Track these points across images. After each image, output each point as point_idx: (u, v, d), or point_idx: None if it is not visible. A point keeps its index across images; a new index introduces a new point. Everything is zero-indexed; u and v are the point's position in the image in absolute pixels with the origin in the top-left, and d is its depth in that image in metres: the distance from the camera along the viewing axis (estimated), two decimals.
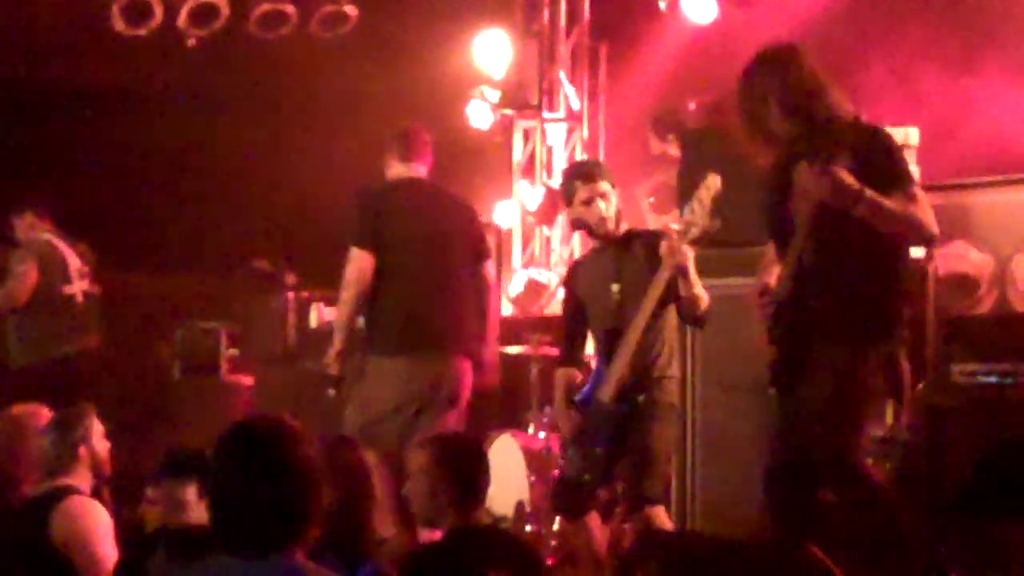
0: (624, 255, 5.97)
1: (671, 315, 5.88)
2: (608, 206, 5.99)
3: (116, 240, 10.13)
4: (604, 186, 5.99)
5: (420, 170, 6.90)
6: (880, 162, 4.84)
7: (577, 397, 6.01)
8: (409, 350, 6.62)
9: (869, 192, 4.72)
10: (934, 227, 4.94)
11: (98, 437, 5.48)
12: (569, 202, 6.10)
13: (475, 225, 7.04)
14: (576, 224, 6.22)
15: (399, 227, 6.67)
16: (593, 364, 6.32)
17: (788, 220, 4.98)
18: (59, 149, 10.50)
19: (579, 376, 6.16)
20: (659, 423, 5.85)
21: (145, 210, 10.54)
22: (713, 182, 5.65)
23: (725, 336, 6.28)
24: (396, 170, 6.89)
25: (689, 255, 5.59)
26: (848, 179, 4.71)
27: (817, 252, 4.86)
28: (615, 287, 5.94)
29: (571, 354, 6.25)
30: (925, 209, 4.87)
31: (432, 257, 6.72)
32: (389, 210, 6.70)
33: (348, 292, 6.65)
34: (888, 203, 4.77)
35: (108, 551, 5.16)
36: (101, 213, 10.43)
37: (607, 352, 5.89)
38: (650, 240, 5.86)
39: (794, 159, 4.99)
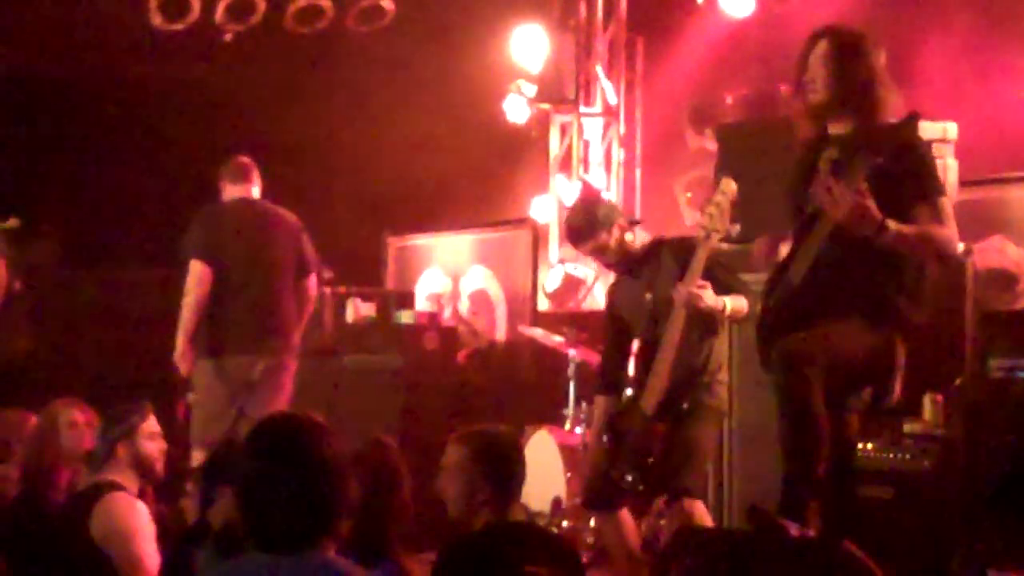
0: (655, 266, 5.97)
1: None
2: (604, 256, 6.02)
3: (151, 233, 10.17)
4: (590, 246, 5.99)
5: (252, 190, 7.60)
6: (908, 175, 4.76)
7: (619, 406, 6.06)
8: (224, 352, 7.27)
9: (893, 226, 4.65)
10: (954, 246, 4.88)
11: (148, 437, 5.39)
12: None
13: (300, 242, 7.62)
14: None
15: (229, 243, 7.39)
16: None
17: (805, 202, 4.93)
18: (95, 142, 10.55)
19: (618, 404, 6.14)
20: (703, 422, 5.85)
21: (180, 203, 10.56)
22: (728, 187, 5.64)
23: None
24: (229, 192, 7.60)
25: (707, 295, 5.61)
26: (871, 210, 4.63)
27: (834, 248, 4.79)
28: (648, 296, 5.93)
29: (611, 380, 6.22)
30: (949, 227, 4.80)
31: (255, 270, 7.38)
32: (222, 227, 7.44)
33: (188, 298, 7.30)
34: (909, 232, 4.70)
35: (148, 550, 5.13)
36: (136, 206, 10.49)
37: (647, 362, 5.87)
38: (679, 249, 5.86)
39: (824, 145, 4.95)
